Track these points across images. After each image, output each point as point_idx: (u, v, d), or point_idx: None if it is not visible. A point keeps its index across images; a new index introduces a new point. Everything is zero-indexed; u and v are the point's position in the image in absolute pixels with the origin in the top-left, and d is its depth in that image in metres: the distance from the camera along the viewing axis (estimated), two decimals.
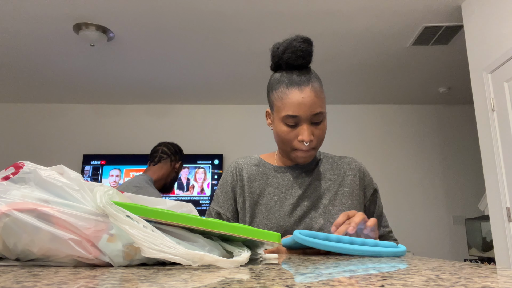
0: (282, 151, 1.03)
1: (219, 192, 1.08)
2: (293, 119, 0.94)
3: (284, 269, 0.45)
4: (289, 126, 0.95)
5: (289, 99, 0.94)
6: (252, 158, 1.12)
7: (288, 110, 0.94)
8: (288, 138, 0.96)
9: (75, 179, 0.51)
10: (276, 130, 0.99)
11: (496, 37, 2.39)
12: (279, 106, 0.96)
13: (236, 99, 4.56)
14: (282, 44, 0.98)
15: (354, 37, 3.19)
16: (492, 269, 0.44)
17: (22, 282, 0.32)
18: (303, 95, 0.94)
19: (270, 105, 1.01)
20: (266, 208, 1.00)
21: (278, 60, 0.98)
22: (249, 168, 1.08)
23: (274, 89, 0.98)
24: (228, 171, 1.09)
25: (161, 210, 0.49)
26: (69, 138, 4.59)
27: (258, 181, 1.05)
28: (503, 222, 2.30)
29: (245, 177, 1.06)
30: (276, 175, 1.06)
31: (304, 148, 0.96)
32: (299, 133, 0.95)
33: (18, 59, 3.55)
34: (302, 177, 1.05)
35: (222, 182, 1.09)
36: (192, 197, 4.36)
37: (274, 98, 0.98)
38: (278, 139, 1.00)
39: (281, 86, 0.96)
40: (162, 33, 3.13)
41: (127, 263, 0.47)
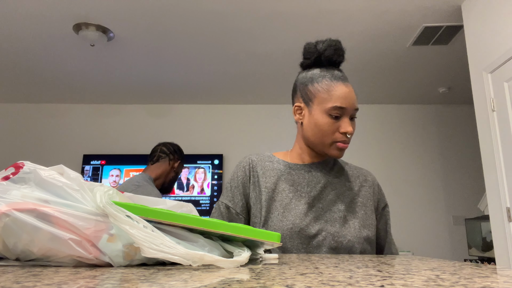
0: (316, 145, 1.02)
1: (229, 186, 1.07)
2: (340, 111, 0.96)
3: (284, 269, 0.45)
4: (333, 118, 0.97)
5: (337, 91, 0.97)
6: (264, 154, 1.12)
7: (336, 102, 0.96)
8: (330, 129, 0.97)
9: (75, 179, 0.51)
10: (317, 122, 0.99)
11: (496, 37, 2.39)
12: (325, 98, 0.98)
13: (236, 99, 4.56)
14: (321, 42, 1.03)
15: (354, 37, 3.19)
16: (492, 269, 0.44)
17: (22, 282, 0.32)
18: (348, 89, 0.98)
19: (308, 97, 1.02)
20: (281, 204, 1.00)
21: (318, 56, 1.02)
22: (263, 164, 1.08)
23: (316, 81, 1.00)
24: (240, 166, 1.08)
25: (161, 210, 0.49)
26: (69, 138, 4.59)
27: (273, 177, 1.05)
28: (503, 222, 2.30)
29: (260, 172, 1.06)
30: (291, 172, 1.05)
31: (345, 140, 0.98)
32: (341, 126, 0.97)
33: (18, 59, 3.55)
34: (318, 177, 1.04)
35: (233, 177, 1.08)
36: (192, 197, 4.36)
37: (316, 90, 0.99)
38: (316, 131, 0.99)
39: (325, 79, 0.99)
40: (162, 33, 3.13)
41: (127, 263, 0.47)
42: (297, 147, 1.09)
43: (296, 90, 1.06)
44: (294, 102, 1.08)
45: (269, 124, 4.67)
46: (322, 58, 1.02)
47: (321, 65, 1.04)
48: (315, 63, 1.04)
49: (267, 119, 4.68)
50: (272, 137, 4.62)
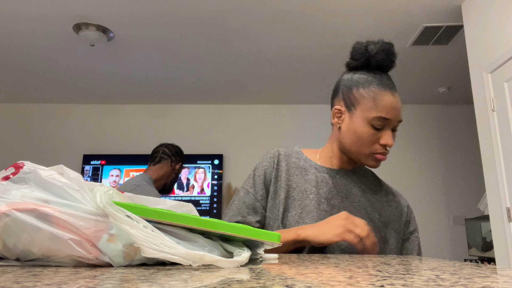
0: (352, 152, 0.96)
1: (252, 174, 1.04)
2: (383, 122, 0.91)
3: (284, 269, 0.45)
4: (375, 128, 0.92)
5: (383, 101, 0.91)
6: (293, 150, 1.08)
7: (381, 112, 0.91)
8: (370, 140, 0.92)
9: (75, 179, 0.51)
10: (356, 129, 0.93)
11: (496, 37, 2.39)
12: (369, 106, 0.92)
13: (236, 99, 4.56)
14: (373, 43, 0.95)
15: (354, 37, 3.19)
16: (492, 269, 0.44)
17: (22, 282, 0.32)
18: (395, 99, 0.92)
19: (350, 102, 0.95)
20: (300, 205, 0.96)
21: (368, 58, 0.95)
22: (289, 160, 1.04)
23: (362, 86, 0.94)
24: (266, 157, 1.05)
25: (161, 210, 0.49)
26: (69, 138, 4.59)
27: (297, 175, 1.01)
28: (503, 222, 2.30)
29: (283, 168, 1.02)
30: (316, 173, 1.01)
31: (384, 153, 0.93)
32: (382, 137, 0.92)
33: (18, 59, 3.55)
34: (342, 185, 1.00)
35: (258, 166, 1.04)
36: (192, 197, 4.36)
37: (362, 96, 0.93)
38: (355, 139, 0.94)
39: (372, 86, 0.93)
40: (162, 33, 3.13)
41: (127, 263, 0.47)
42: (329, 149, 1.04)
43: (338, 92, 1.00)
44: (333, 103, 1.01)
45: (269, 124, 4.67)
46: (372, 61, 0.94)
47: (369, 68, 0.97)
48: (363, 65, 0.97)
49: (267, 119, 4.68)
50: (272, 137, 4.62)
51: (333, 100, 1.02)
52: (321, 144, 4.57)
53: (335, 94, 1.01)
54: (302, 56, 3.53)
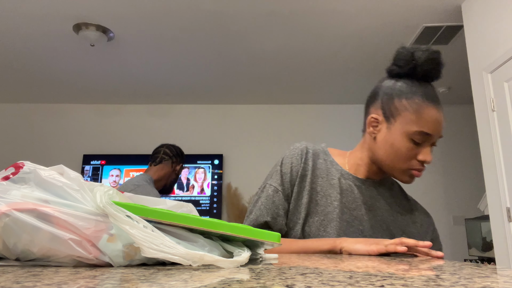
0: (386, 165, 0.91)
1: (279, 169, 0.98)
2: (424, 137, 0.85)
3: (284, 269, 0.45)
4: (414, 143, 0.86)
5: (427, 115, 0.85)
6: (320, 149, 1.02)
7: (424, 127, 0.85)
8: (408, 155, 0.87)
9: (75, 179, 0.51)
10: (394, 143, 0.88)
11: (496, 37, 2.39)
12: (411, 119, 0.86)
13: (236, 99, 4.56)
14: (420, 50, 0.87)
15: (354, 37, 3.19)
16: (492, 269, 0.44)
17: (22, 282, 0.32)
18: (439, 114, 0.86)
19: (390, 113, 0.89)
20: (323, 211, 0.92)
21: (414, 67, 0.88)
22: (316, 160, 0.98)
23: (406, 97, 0.87)
24: (294, 153, 0.98)
25: (161, 210, 0.49)
26: (69, 138, 4.59)
27: (322, 178, 0.96)
28: (503, 222, 2.30)
29: (310, 168, 0.97)
30: (341, 179, 0.96)
31: (421, 169, 0.88)
32: (421, 153, 0.87)
33: (18, 59, 3.55)
34: (367, 196, 0.95)
35: (285, 161, 0.98)
36: (192, 197, 4.36)
37: (404, 108, 0.87)
38: (391, 152, 0.88)
39: (416, 97, 0.86)
40: (162, 33, 3.13)
41: (127, 263, 0.47)
42: (358, 156, 0.98)
43: (376, 99, 0.93)
44: (369, 111, 0.94)
45: (269, 124, 4.67)
46: (418, 70, 0.87)
47: (413, 77, 0.90)
48: (407, 73, 0.90)
49: (267, 119, 4.68)
50: (272, 137, 4.62)
51: (369, 107, 0.95)
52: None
53: (373, 101, 0.94)
54: (302, 56, 3.53)
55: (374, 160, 0.94)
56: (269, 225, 0.94)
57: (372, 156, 0.94)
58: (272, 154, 4.53)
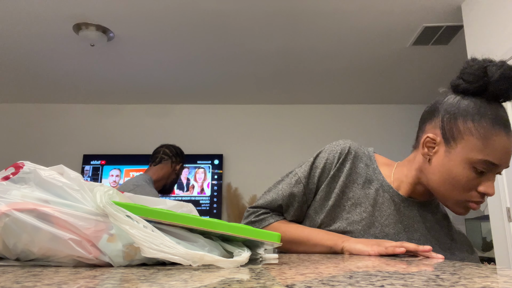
0: (439, 193, 0.81)
1: (312, 161, 0.92)
2: (489, 167, 0.75)
3: (284, 269, 0.45)
4: (476, 173, 0.76)
5: (496, 143, 0.74)
6: (365, 152, 0.94)
7: (490, 155, 0.75)
8: (468, 185, 0.77)
9: (75, 179, 0.51)
10: (453, 170, 0.78)
11: (496, 37, 2.39)
12: (477, 145, 0.75)
13: (236, 99, 4.56)
14: (495, 65, 0.75)
15: (354, 37, 3.19)
16: (492, 269, 0.44)
17: (22, 282, 0.32)
18: (509, 142, 0.75)
19: (451, 134, 0.78)
20: (348, 219, 0.87)
21: (486, 84, 0.76)
22: (356, 162, 0.91)
23: (472, 119, 0.76)
24: (334, 150, 0.92)
25: (161, 210, 0.49)
26: (69, 138, 4.59)
27: (358, 184, 0.89)
28: (503, 222, 2.30)
29: (346, 170, 0.90)
30: (379, 191, 0.88)
31: (480, 202, 0.78)
32: (483, 184, 0.77)
33: (18, 59, 3.55)
34: (405, 215, 0.87)
35: (321, 156, 0.93)
36: (192, 197, 4.36)
37: (468, 131, 0.76)
38: (448, 180, 0.78)
39: (484, 121, 0.75)
40: (162, 33, 3.13)
41: (127, 263, 0.47)
42: (404, 173, 0.89)
43: (434, 116, 0.82)
44: (425, 129, 0.84)
45: (269, 124, 4.67)
46: (490, 88, 0.75)
47: (483, 96, 0.78)
48: (476, 91, 0.78)
49: (267, 119, 4.68)
50: (272, 137, 4.62)
51: (424, 124, 0.85)
52: (320, 145, 4.57)
53: (430, 118, 0.83)
54: (302, 56, 3.53)
55: (426, 184, 0.85)
56: (281, 210, 0.94)
57: (423, 179, 0.85)
58: (272, 154, 4.53)
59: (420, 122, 0.88)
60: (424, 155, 0.83)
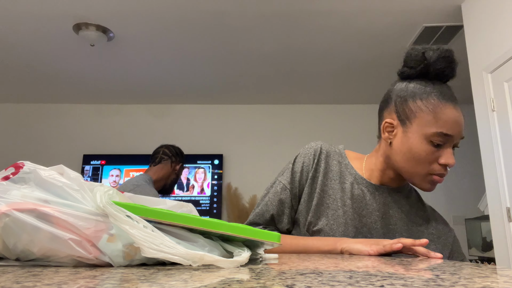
0: (405, 172, 0.86)
1: (290, 167, 0.96)
2: (444, 138, 0.81)
3: (284, 269, 0.45)
4: (434, 146, 0.81)
5: (445, 115, 0.81)
6: (336, 150, 0.98)
7: (443, 127, 0.80)
8: (428, 159, 0.82)
9: (75, 179, 0.51)
10: (412, 147, 0.83)
11: (496, 37, 2.39)
12: (429, 120, 0.81)
13: (236, 99, 4.56)
14: (431, 49, 0.84)
15: (354, 37, 3.19)
16: (492, 269, 0.44)
17: (22, 282, 0.32)
18: (458, 113, 0.82)
19: (405, 115, 0.85)
20: (333, 215, 0.90)
21: (426, 66, 0.84)
22: (329, 161, 0.95)
23: (420, 98, 0.83)
24: (307, 152, 0.96)
25: (161, 210, 0.49)
26: (69, 138, 4.59)
27: (334, 180, 0.93)
28: (503, 222, 2.30)
29: (322, 169, 0.94)
30: (354, 184, 0.92)
31: (443, 174, 0.83)
32: (442, 156, 0.82)
33: (18, 59, 3.55)
34: (379, 204, 0.91)
35: (298, 160, 0.96)
36: (192, 197, 4.36)
37: (419, 109, 0.83)
38: (409, 157, 0.83)
39: (431, 97, 0.83)
40: (162, 33, 3.13)
41: (127, 263, 0.47)
42: (373, 162, 0.94)
43: (389, 103, 0.90)
44: (383, 116, 0.91)
45: (269, 124, 4.67)
46: (431, 69, 0.84)
47: (427, 78, 0.86)
48: (419, 74, 0.87)
49: (267, 119, 4.68)
50: (272, 137, 4.62)
51: (382, 112, 0.92)
52: None
53: (386, 105, 0.91)
54: (302, 56, 3.53)
55: (392, 167, 0.90)
56: (273, 220, 0.95)
57: (389, 162, 0.90)
58: (272, 154, 4.53)
59: (379, 112, 0.95)
60: (386, 139, 0.89)
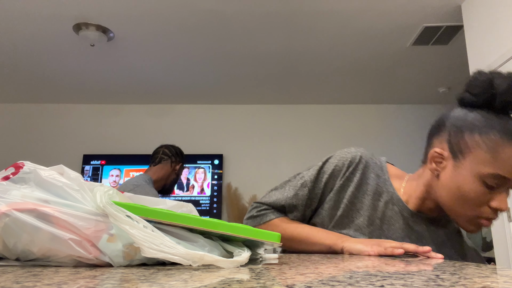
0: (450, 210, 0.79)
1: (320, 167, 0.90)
2: (500, 181, 0.73)
3: (284, 269, 0.45)
4: (487, 187, 0.73)
5: (506, 155, 0.72)
6: (377, 162, 0.91)
7: (501, 169, 0.72)
8: (479, 201, 0.74)
9: (75, 179, 0.51)
10: (462, 185, 0.75)
11: (496, 37, 2.39)
12: (486, 159, 0.73)
13: (236, 99, 4.56)
14: (501, 77, 0.74)
15: (354, 37, 3.19)
16: (492, 269, 0.44)
17: (22, 282, 0.32)
18: None
19: (459, 149, 0.77)
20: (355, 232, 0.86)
21: (492, 96, 0.74)
22: (367, 173, 0.89)
23: (479, 132, 0.74)
24: (344, 157, 0.89)
25: (161, 210, 0.49)
26: (69, 138, 4.59)
27: (367, 195, 0.87)
28: (503, 222, 2.30)
29: (356, 180, 0.87)
30: (389, 204, 0.86)
31: (492, 218, 0.76)
32: (494, 199, 0.74)
33: (18, 59, 3.55)
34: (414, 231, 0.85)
35: (331, 162, 0.90)
36: (192, 197, 4.36)
37: (476, 144, 0.74)
38: (457, 196, 0.76)
39: (492, 133, 0.73)
40: (162, 33, 3.13)
41: (127, 263, 0.47)
42: (413, 187, 0.86)
43: (441, 130, 0.82)
44: (433, 143, 0.83)
45: (269, 124, 4.67)
46: (498, 100, 0.74)
47: (490, 108, 0.76)
48: (482, 103, 0.77)
49: (267, 119, 4.68)
50: (272, 137, 4.62)
51: (432, 138, 0.84)
52: (321, 145, 4.57)
53: (437, 132, 0.83)
54: (302, 56, 3.53)
55: (433, 198, 0.82)
56: (284, 210, 0.94)
57: (430, 193, 0.83)
58: (272, 154, 4.53)
59: (428, 137, 0.86)
60: (432, 170, 0.81)
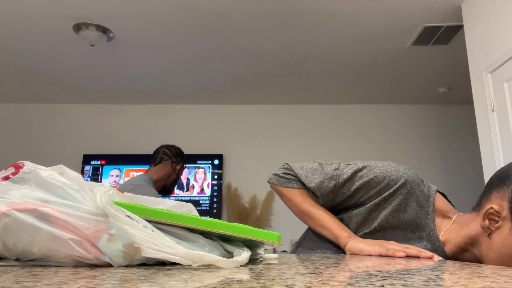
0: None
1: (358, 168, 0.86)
2: None
3: (284, 269, 0.45)
4: None
5: None
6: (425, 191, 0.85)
7: None
8: None
9: (75, 179, 0.51)
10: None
11: (496, 37, 2.39)
12: None
13: (236, 99, 4.56)
14: None
15: (354, 37, 3.19)
16: (492, 269, 0.44)
17: (22, 282, 0.32)
18: None
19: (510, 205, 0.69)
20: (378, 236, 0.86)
21: None
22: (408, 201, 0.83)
23: None
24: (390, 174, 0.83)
25: (161, 210, 0.49)
26: (69, 138, 4.59)
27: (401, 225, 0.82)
28: None
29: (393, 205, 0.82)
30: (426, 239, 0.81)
31: None
32: None
33: (18, 59, 3.55)
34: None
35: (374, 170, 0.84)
36: (192, 197, 4.36)
37: None
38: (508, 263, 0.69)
39: None
40: (162, 33, 3.13)
41: (127, 263, 0.47)
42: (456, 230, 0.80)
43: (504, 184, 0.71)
44: (491, 197, 0.73)
45: (269, 124, 4.67)
46: None
47: None
48: None
49: (267, 119, 4.68)
50: (272, 137, 4.62)
51: (491, 191, 0.74)
52: (321, 145, 4.57)
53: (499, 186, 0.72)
54: (302, 56, 3.53)
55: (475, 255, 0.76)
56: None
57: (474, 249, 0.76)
58: (272, 154, 4.53)
59: (487, 186, 0.77)
60: (484, 228, 0.72)
